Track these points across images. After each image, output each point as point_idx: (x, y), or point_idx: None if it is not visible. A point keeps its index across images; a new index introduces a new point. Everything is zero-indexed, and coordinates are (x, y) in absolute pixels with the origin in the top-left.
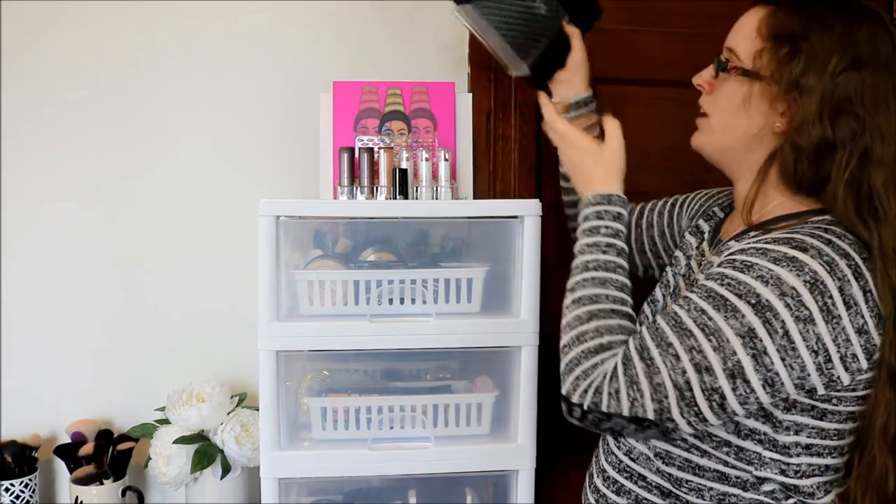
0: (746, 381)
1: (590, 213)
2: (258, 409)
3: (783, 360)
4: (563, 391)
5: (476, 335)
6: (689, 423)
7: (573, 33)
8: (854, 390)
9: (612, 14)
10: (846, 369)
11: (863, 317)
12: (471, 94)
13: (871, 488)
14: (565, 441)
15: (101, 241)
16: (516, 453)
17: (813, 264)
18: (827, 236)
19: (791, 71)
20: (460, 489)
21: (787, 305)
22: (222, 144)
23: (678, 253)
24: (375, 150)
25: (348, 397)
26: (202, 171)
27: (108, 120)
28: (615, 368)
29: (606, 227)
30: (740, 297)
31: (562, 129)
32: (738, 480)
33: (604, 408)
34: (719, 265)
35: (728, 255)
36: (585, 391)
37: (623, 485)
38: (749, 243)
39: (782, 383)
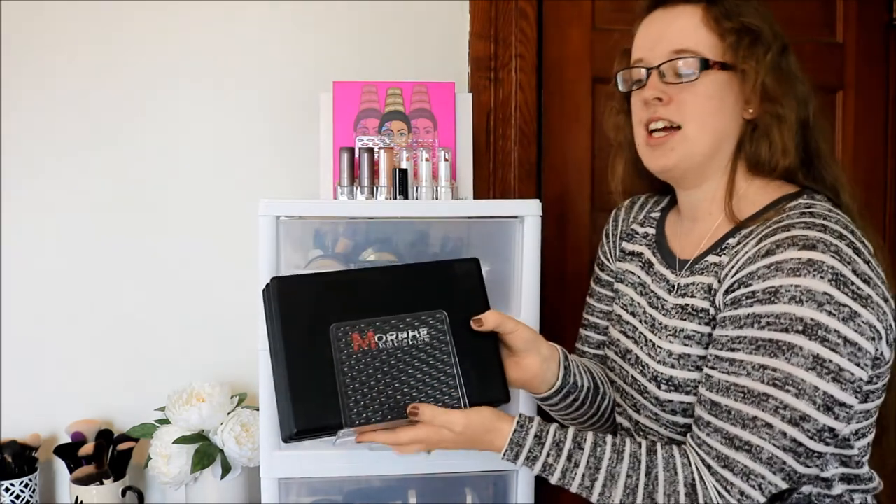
0: (842, 404)
1: (533, 452)
2: (258, 409)
3: (857, 364)
4: None
5: None
6: (816, 467)
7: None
8: (888, 362)
9: (612, 14)
10: (889, 341)
11: (880, 284)
12: (471, 94)
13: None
14: None
15: (101, 241)
16: None
17: (827, 259)
18: (820, 222)
19: (762, 56)
20: (460, 489)
21: (830, 313)
22: (222, 144)
23: (619, 286)
24: (375, 150)
25: None
26: (202, 171)
27: (108, 120)
28: (719, 480)
29: (549, 447)
30: (787, 330)
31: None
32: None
33: None
34: (736, 303)
35: (736, 282)
36: None
37: None
38: (752, 261)
39: (864, 382)
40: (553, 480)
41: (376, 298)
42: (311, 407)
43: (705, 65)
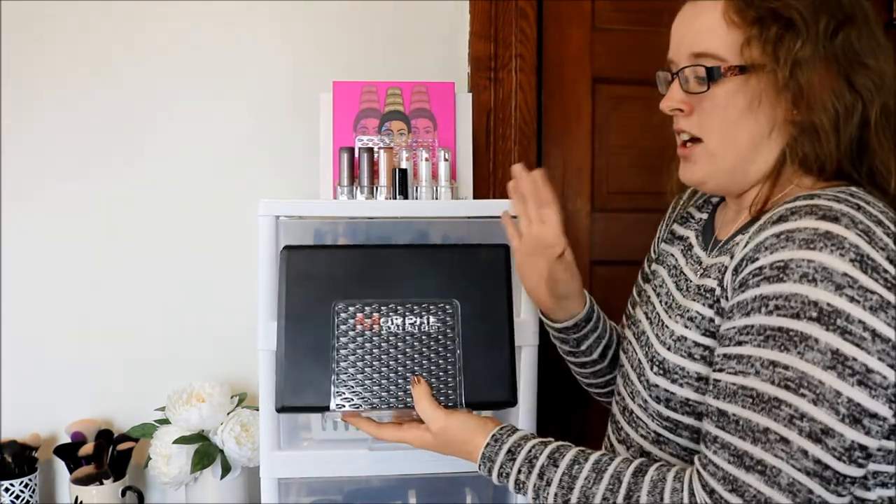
0: (874, 415)
1: (505, 468)
2: (258, 409)
3: (892, 366)
4: None
5: None
6: (849, 493)
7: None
8: None
9: (612, 14)
10: None
11: None
12: (471, 94)
13: None
14: (565, 441)
15: (101, 241)
16: None
17: (850, 236)
18: (856, 201)
19: (790, 48)
20: (460, 489)
21: (853, 299)
22: (222, 144)
23: (657, 267)
24: (375, 150)
25: None
26: (202, 171)
27: (108, 122)
28: None
29: (520, 463)
30: (798, 316)
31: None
32: None
33: None
34: (743, 284)
35: (744, 258)
36: None
37: None
38: (762, 229)
39: None
40: (528, 498)
41: (390, 279)
42: (301, 384)
43: (719, 72)
